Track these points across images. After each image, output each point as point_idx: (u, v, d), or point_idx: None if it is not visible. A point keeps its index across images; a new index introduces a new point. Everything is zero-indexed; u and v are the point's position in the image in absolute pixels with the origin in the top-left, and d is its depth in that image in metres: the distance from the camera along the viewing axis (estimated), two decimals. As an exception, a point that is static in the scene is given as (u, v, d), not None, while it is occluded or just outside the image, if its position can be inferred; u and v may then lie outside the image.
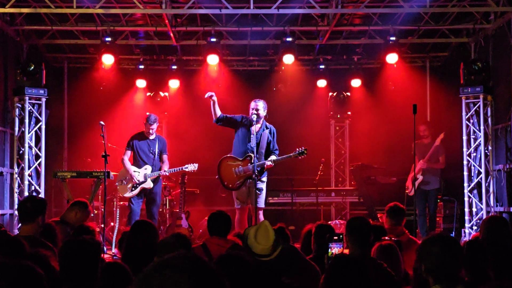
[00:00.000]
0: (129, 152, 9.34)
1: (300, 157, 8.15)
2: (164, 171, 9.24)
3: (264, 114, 8.24)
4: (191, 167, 9.46)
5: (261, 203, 8.21)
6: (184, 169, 9.48)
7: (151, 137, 9.38)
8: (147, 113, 9.59)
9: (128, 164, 9.26)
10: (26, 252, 3.60)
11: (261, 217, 8.13)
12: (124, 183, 9.27)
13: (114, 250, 8.92)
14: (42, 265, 2.95)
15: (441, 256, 3.15)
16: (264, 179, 8.31)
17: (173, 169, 9.44)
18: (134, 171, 9.21)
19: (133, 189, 9.21)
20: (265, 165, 8.05)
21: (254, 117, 8.05)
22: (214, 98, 8.22)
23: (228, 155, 8.35)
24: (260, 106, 8.16)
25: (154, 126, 9.35)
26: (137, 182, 9.17)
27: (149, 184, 9.22)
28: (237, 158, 8.24)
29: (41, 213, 4.90)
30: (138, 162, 9.32)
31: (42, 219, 4.93)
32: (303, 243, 5.57)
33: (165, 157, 9.44)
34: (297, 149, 8.13)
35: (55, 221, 5.92)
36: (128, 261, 4.15)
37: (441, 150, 10.17)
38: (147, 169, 9.24)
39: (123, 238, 5.18)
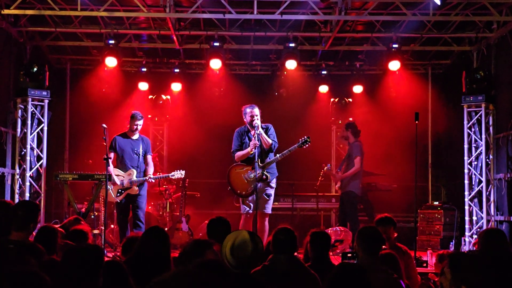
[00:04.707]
0: (112, 154, 8.99)
1: (304, 147, 8.10)
2: (150, 177, 8.94)
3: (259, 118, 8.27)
4: (178, 174, 9.24)
5: (269, 209, 8.18)
6: (170, 176, 9.30)
7: (134, 137, 9.08)
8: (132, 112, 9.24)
9: (111, 167, 8.90)
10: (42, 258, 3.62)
11: (267, 223, 8.11)
12: (109, 187, 8.90)
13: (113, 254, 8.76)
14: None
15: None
16: (273, 184, 8.29)
17: (159, 176, 9.33)
18: (118, 175, 8.94)
19: (118, 194, 8.96)
20: (276, 160, 8.10)
21: (258, 123, 8.05)
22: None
23: (235, 164, 8.33)
24: (257, 112, 8.20)
25: (141, 122, 9.04)
26: (121, 187, 8.93)
27: (134, 191, 8.94)
28: (244, 164, 8.23)
29: (33, 221, 4.83)
30: (121, 164, 9.04)
31: (34, 226, 4.87)
32: (306, 252, 5.57)
33: (149, 157, 9.14)
34: (300, 139, 8.11)
35: None
36: (137, 266, 4.15)
37: (355, 151, 10.06)
38: (132, 174, 8.94)
39: (128, 243, 5.09)
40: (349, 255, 4.05)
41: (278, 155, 8.13)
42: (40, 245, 3.93)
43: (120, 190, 8.99)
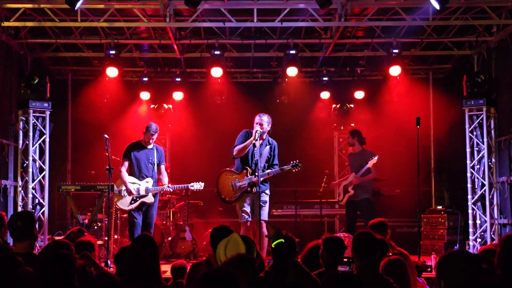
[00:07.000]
0: (126, 163, 9.00)
1: (294, 170, 8.15)
2: (168, 186, 8.96)
3: (268, 128, 8.23)
4: (197, 185, 9.21)
5: (265, 215, 8.18)
6: (189, 187, 9.26)
7: (150, 147, 9.05)
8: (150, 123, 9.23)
9: (125, 176, 8.92)
10: (19, 269, 3.63)
11: (265, 230, 8.11)
12: (123, 194, 8.95)
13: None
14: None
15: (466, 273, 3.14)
16: (268, 191, 8.29)
17: (178, 185, 9.27)
18: (134, 183, 8.91)
19: (133, 202, 8.91)
20: (264, 176, 8.10)
21: (257, 131, 8.05)
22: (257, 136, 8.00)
23: (227, 169, 8.39)
24: (264, 121, 8.17)
25: (155, 136, 9.04)
26: (137, 195, 8.93)
27: (150, 199, 8.90)
28: (235, 172, 8.28)
29: (33, 228, 4.85)
30: (136, 173, 8.98)
31: (36, 233, 4.92)
32: (308, 258, 5.53)
33: (163, 167, 9.14)
34: (291, 162, 8.15)
35: None
36: (129, 276, 4.17)
37: (370, 158, 9.84)
38: (149, 182, 8.94)
39: (121, 253, 5.07)
40: (345, 260, 4.00)
41: (268, 171, 8.15)
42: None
43: (135, 198, 8.94)
